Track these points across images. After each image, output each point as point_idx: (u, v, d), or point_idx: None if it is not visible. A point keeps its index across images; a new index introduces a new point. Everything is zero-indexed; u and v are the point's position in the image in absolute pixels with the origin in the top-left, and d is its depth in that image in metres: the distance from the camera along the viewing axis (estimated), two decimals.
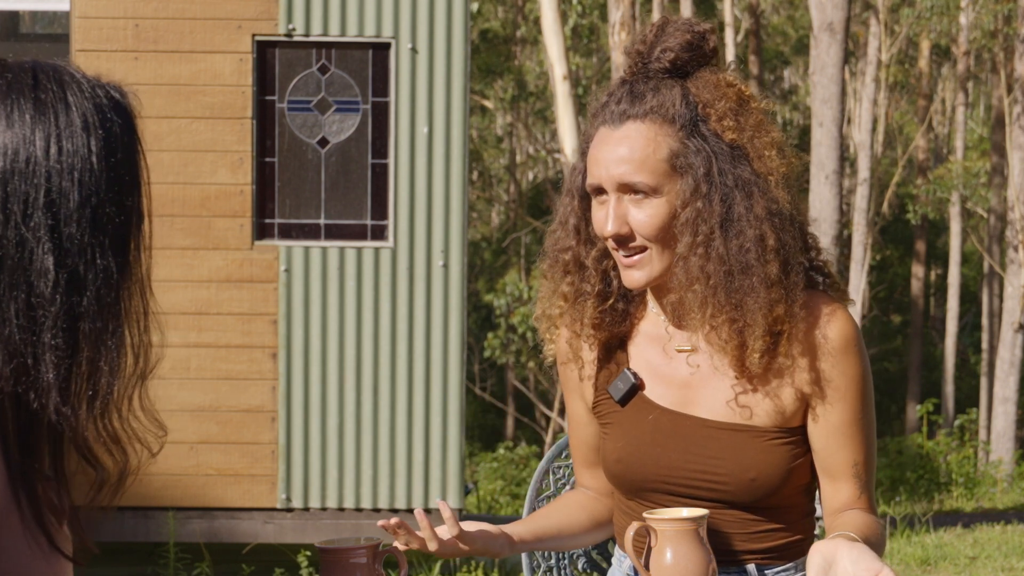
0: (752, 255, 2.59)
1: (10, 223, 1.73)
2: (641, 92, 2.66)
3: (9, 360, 1.73)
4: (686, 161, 2.62)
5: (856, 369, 2.66)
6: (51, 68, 1.81)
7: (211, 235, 8.64)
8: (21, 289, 1.73)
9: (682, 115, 2.63)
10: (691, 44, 2.67)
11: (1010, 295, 20.58)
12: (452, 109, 8.77)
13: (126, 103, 1.83)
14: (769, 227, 2.60)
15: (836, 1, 13.54)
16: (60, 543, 1.78)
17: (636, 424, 2.72)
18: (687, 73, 2.68)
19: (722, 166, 2.62)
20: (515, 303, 23.84)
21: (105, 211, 1.76)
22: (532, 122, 30.34)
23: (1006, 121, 21.89)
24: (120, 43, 8.61)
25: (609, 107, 2.68)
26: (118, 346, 1.78)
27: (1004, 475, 18.60)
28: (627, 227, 2.64)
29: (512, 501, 18.01)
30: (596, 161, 2.67)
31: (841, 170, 13.79)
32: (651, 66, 2.67)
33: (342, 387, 8.73)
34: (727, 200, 2.61)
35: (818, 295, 2.68)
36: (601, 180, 2.65)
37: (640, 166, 2.62)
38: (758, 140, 2.66)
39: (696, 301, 2.62)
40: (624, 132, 2.64)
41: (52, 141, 1.75)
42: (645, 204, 2.63)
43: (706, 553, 2.41)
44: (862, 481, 2.67)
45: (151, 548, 8.89)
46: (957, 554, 9.41)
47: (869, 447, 2.69)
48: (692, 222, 2.61)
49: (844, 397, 2.65)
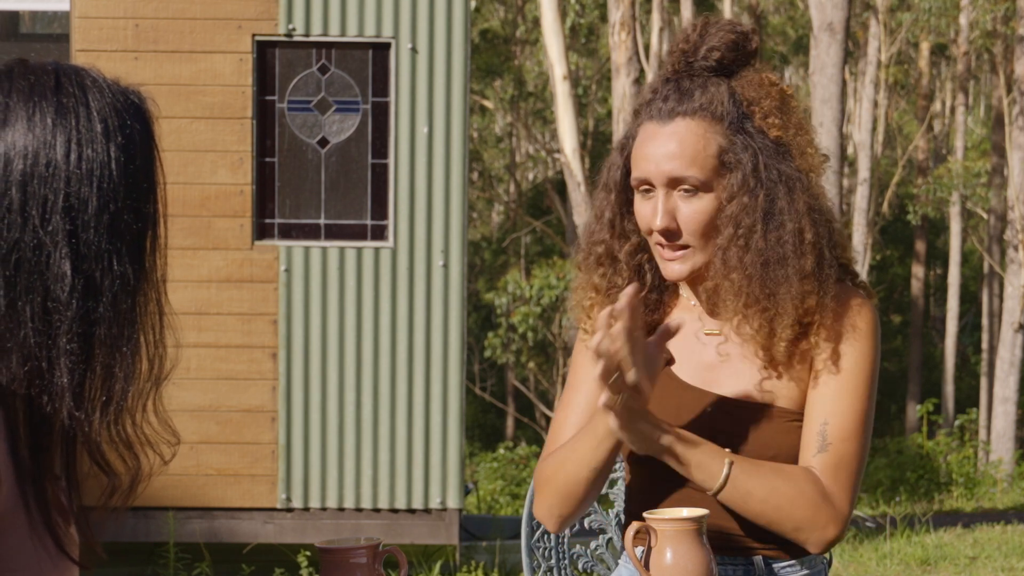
0: (789, 247, 2.65)
1: (28, 226, 1.73)
2: (689, 89, 2.71)
3: (23, 363, 1.73)
4: (734, 157, 2.67)
5: (865, 350, 2.69)
6: (73, 71, 1.80)
7: (211, 235, 8.64)
8: (37, 293, 1.73)
9: (730, 112, 2.69)
10: (736, 44, 2.73)
11: (1010, 295, 20.58)
12: (452, 109, 8.77)
13: (145, 108, 1.83)
14: (808, 221, 2.67)
15: (836, 1, 13.54)
16: (67, 545, 1.78)
17: (661, 399, 2.73)
18: (731, 72, 2.74)
19: (767, 161, 2.68)
20: (515, 303, 23.84)
21: (123, 218, 1.77)
22: (532, 122, 30.35)
23: (1006, 121, 21.89)
24: (120, 43, 8.62)
25: (656, 104, 2.72)
26: (133, 352, 1.78)
27: (1004, 475, 18.61)
28: (675, 223, 2.69)
29: (512, 501, 18.02)
30: (645, 157, 2.70)
31: (841, 170, 13.80)
32: (697, 64, 2.72)
33: (342, 387, 8.73)
34: (771, 195, 2.67)
35: (849, 289, 2.74)
36: (650, 175, 2.69)
37: (691, 162, 2.66)
38: (800, 138, 2.73)
39: (732, 290, 2.67)
40: (674, 128, 2.68)
41: (73, 146, 1.75)
42: (694, 200, 2.68)
43: (706, 553, 2.41)
44: (824, 441, 2.65)
45: (151, 548, 8.89)
46: (957, 554, 9.41)
47: (850, 418, 2.67)
48: (736, 216, 2.66)
49: (843, 369, 2.68)
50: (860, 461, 2.68)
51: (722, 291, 2.69)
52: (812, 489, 2.62)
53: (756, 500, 2.61)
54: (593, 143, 28.80)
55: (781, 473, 2.63)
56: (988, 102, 33.24)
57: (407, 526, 8.78)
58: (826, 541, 2.64)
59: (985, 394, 24.70)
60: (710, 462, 2.60)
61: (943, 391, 26.43)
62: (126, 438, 1.78)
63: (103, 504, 1.79)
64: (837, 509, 2.64)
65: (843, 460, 2.66)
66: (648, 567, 2.41)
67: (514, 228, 29.92)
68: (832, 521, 2.63)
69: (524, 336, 24.04)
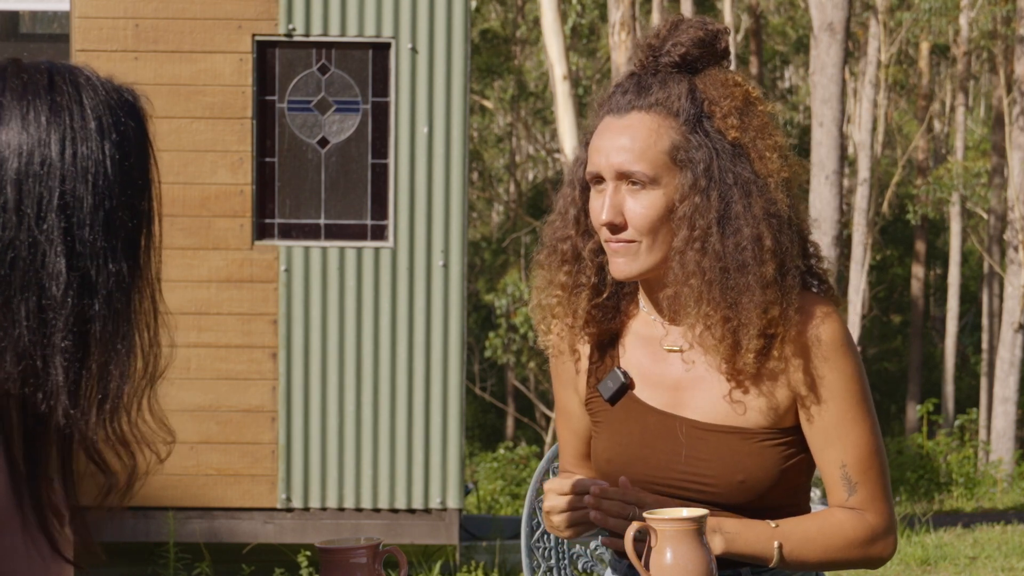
0: (748, 253, 2.59)
1: (23, 225, 1.72)
2: (648, 84, 2.68)
3: (18, 362, 1.72)
4: (687, 155, 2.63)
5: (848, 368, 2.65)
6: (66, 70, 1.80)
7: (211, 235, 8.64)
8: (32, 291, 1.72)
9: (686, 110, 2.65)
10: (703, 41, 2.69)
11: (1010, 295, 20.59)
12: (452, 109, 8.77)
13: (139, 106, 1.83)
14: (766, 227, 2.61)
15: (836, 1, 13.54)
16: (62, 546, 1.77)
17: (625, 424, 2.72)
18: (697, 70, 2.69)
19: (722, 163, 2.63)
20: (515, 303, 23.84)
21: (118, 215, 1.76)
22: (532, 122, 30.35)
23: (1006, 121, 21.89)
24: (120, 43, 8.62)
25: (615, 97, 2.70)
26: (128, 349, 1.77)
27: (1004, 475, 18.61)
28: (621, 217, 2.64)
29: (512, 501, 18.01)
30: (597, 149, 2.68)
31: (841, 170, 13.79)
32: (661, 60, 2.69)
33: (342, 387, 8.73)
34: (725, 197, 2.61)
35: (812, 297, 2.68)
36: (600, 168, 2.66)
37: (640, 156, 2.63)
38: (760, 142, 2.67)
39: (692, 296, 2.61)
40: (627, 122, 2.66)
41: (67, 144, 1.75)
42: (642, 195, 2.64)
43: (706, 553, 2.41)
44: (851, 483, 2.65)
45: (151, 548, 8.89)
46: (957, 554, 9.41)
47: (863, 447, 2.65)
48: (689, 216, 2.61)
49: (834, 396, 2.64)
50: (886, 475, 2.72)
51: (682, 297, 2.63)
52: (859, 533, 2.67)
53: (813, 563, 2.67)
54: None
55: (826, 529, 2.66)
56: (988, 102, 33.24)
57: (407, 526, 8.78)
58: (885, 558, 2.74)
59: (985, 394, 24.69)
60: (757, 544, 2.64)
61: (943, 391, 26.43)
62: (122, 436, 1.78)
63: (100, 503, 1.79)
64: (886, 530, 2.70)
65: (874, 489, 2.68)
66: (648, 567, 2.41)
67: (514, 228, 29.91)
68: (884, 544, 2.71)
69: (524, 336, 24.03)
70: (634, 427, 2.71)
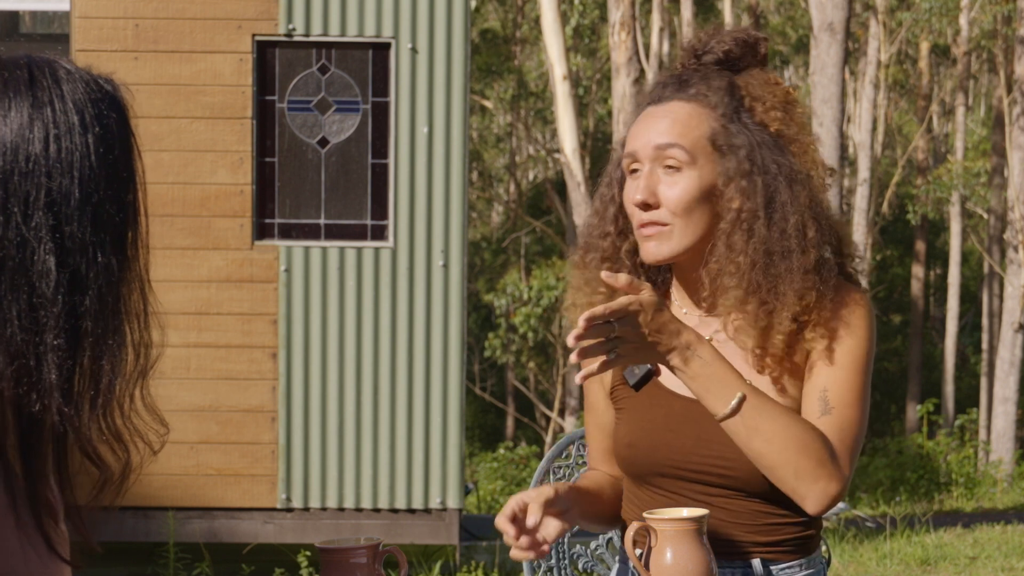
0: (793, 241, 2.64)
1: (11, 223, 1.71)
2: (689, 78, 2.75)
3: (11, 362, 1.71)
4: (728, 141, 2.68)
5: (860, 335, 2.67)
6: (45, 63, 1.78)
7: (211, 235, 8.64)
8: (23, 290, 1.71)
9: (725, 103, 2.71)
10: (745, 42, 2.77)
11: (1010, 295, 20.58)
12: (452, 109, 8.77)
13: (119, 96, 1.80)
14: (811, 217, 2.66)
15: (836, 1, 13.54)
16: (57, 545, 1.77)
17: (650, 409, 2.73)
18: (738, 69, 2.77)
19: (764, 153, 2.68)
20: (515, 303, 23.83)
21: (105, 208, 1.75)
22: (532, 122, 30.35)
23: (1006, 121, 21.89)
24: (120, 43, 8.61)
25: (656, 91, 2.77)
26: (119, 344, 1.76)
27: (1004, 475, 18.61)
28: (655, 197, 2.67)
29: None
30: (636, 134, 2.72)
31: (841, 170, 13.79)
32: (704, 58, 2.77)
33: (342, 387, 8.73)
34: (770, 185, 2.67)
35: (845, 285, 2.72)
36: (637, 149, 2.70)
37: (680, 135, 2.67)
38: (803, 138, 2.74)
39: (736, 275, 2.65)
40: (668, 108, 2.71)
41: (51, 139, 1.73)
42: (677, 177, 2.67)
43: (706, 553, 2.41)
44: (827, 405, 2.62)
45: (151, 548, 8.89)
46: (957, 554, 9.41)
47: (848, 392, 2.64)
48: (736, 200, 2.66)
49: (837, 349, 2.66)
50: (860, 431, 2.64)
51: (724, 276, 2.66)
52: (820, 442, 2.57)
53: (761, 438, 2.54)
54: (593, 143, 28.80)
55: (792, 418, 2.56)
56: (988, 102, 33.24)
57: (407, 526, 8.78)
58: (828, 497, 2.56)
59: (985, 394, 24.69)
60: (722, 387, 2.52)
61: (943, 391, 26.43)
62: (116, 431, 1.77)
63: (95, 499, 1.78)
64: (840, 469, 2.58)
65: (846, 425, 2.63)
66: (648, 567, 2.41)
67: (514, 228, 29.91)
68: (834, 479, 2.56)
69: (524, 336, 24.04)
70: (658, 412, 2.73)
